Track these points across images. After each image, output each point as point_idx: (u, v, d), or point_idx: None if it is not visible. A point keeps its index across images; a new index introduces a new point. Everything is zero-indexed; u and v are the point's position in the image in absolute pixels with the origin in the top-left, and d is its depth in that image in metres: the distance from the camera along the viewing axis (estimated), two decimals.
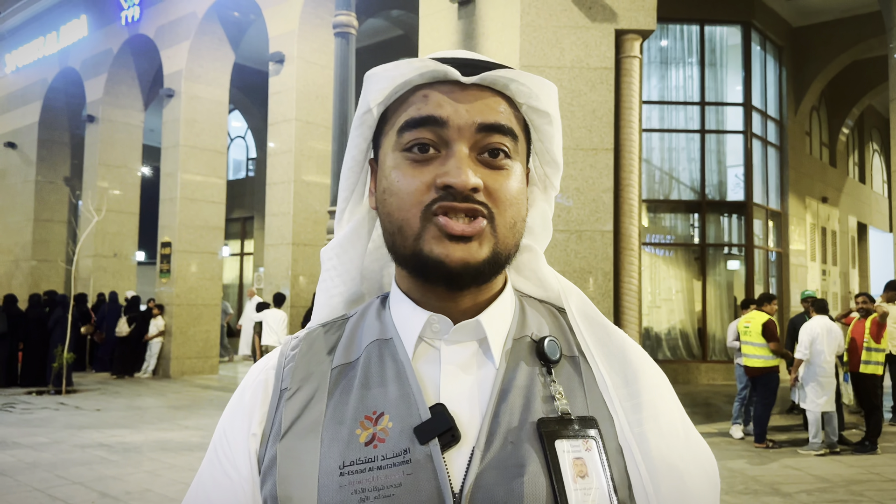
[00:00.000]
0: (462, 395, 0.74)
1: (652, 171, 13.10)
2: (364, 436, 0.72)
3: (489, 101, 0.76)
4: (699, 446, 0.79)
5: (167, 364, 13.25)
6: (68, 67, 16.71)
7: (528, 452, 0.70)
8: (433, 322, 0.77)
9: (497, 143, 0.75)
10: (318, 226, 11.62)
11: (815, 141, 17.28)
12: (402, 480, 0.69)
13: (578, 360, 0.80)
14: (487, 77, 0.76)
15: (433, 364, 0.77)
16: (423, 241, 0.73)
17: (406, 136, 0.75)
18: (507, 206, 0.75)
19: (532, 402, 0.74)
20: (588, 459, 0.71)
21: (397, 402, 0.73)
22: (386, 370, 0.76)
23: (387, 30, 15.78)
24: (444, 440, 0.71)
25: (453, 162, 0.73)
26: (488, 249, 0.74)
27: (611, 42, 8.16)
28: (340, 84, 6.18)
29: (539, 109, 0.81)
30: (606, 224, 7.97)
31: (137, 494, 5.33)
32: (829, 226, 17.84)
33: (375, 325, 0.80)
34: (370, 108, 0.80)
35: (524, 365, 0.77)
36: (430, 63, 0.75)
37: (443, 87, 0.76)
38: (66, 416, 8.78)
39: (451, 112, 0.74)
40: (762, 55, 14.22)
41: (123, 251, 15.69)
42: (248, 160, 21.87)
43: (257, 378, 0.81)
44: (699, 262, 13.19)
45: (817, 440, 7.26)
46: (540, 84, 0.80)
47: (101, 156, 15.28)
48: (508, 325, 0.80)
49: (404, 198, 0.74)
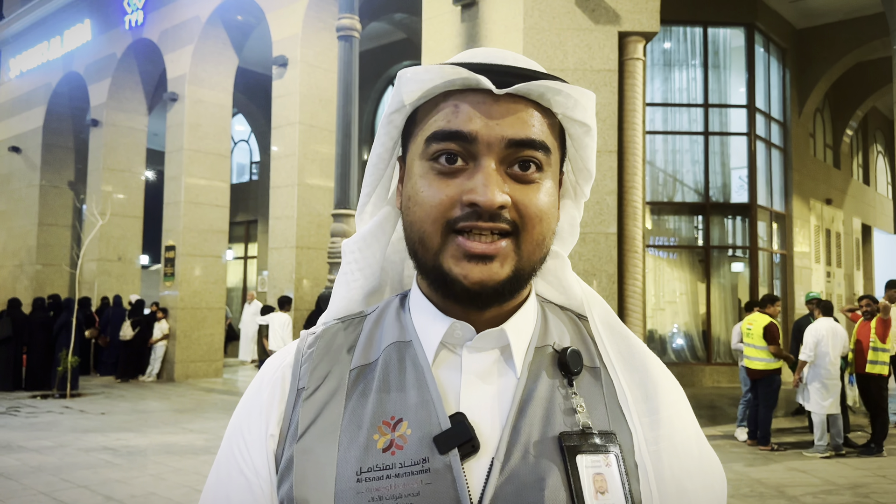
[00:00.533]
0: (482, 405, 0.74)
1: (655, 174, 13.08)
2: (382, 441, 0.71)
3: (521, 115, 0.74)
4: (711, 465, 0.79)
5: (171, 367, 13.26)
6: (72, 72, 16.76)
7: (548, 466, 0.70)
8: (455, 329, 0.76)
9: (528, 156, 0.74)
10: (322, 229, 11.63)
11: (819, 143, 17.24)
12: (420, 490, 0.68)
13: (600, 371, 0.79)
14: (521, 89, 0.74)
15: (454, 371, 0.76)
16: (443, 258, 0.73)
17: (433, 147, 0.74)
18: (536, 223, 0.74)
19: (553, 414, 0.73)
20: (608, 475, 0.70)
21: (416, 408, 0.72)
22: (405, 374, 0.75)
23: (390, 33, 15.80)
24: (463, 450, 0.70)
25: (480, 178, 0.71)
26: (510, 269, 0.73)
27: (614, 44, 8.16)
28: (344, 87, 6.20)
29: (576, 120, 0.79)
30: (610, 226, 7.97)
31: (142, 498, 5.32)
32: (834, 228, 17.80)
33: (395, 327, 0.79)
34: (399, 108, 0.79)
35: (545, 376, 0.76)
36: (462, 71, 0.73)
37: (474, 96, 0.74)
38: (70, 420, 8.79)
39: (481, 126, 0.72)
40: (766, 57, 14.20)
41: (127, 255, 15.72)
42: (252, 164, 21.90)
43: (274, 376, 0.80)
44: (703, 264, 13.17)
45: (822, 442, 7.23)
46: (579, 93, 0.77)
47: (105, 160, 15.32)
48: (531, 334, 0.79)
49: (428, 210, 0.73)
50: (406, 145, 0.81)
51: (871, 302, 7.80)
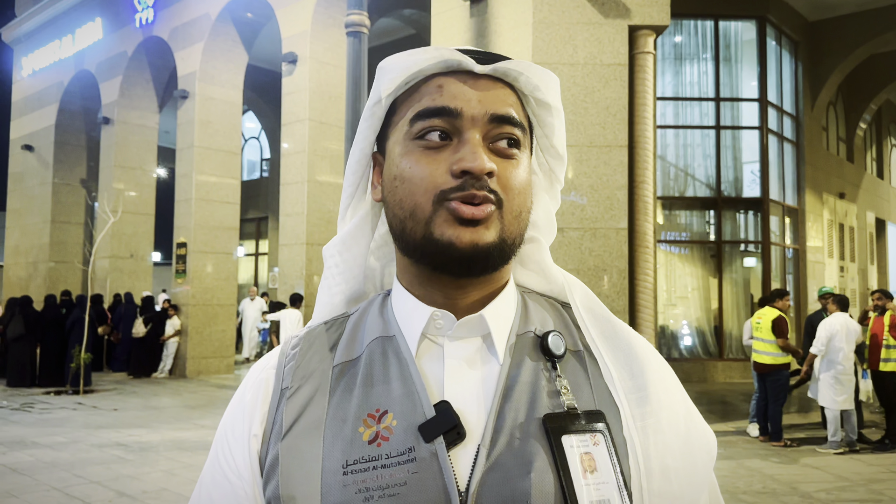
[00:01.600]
0: (467, 392, 0.73)
1: (667, 168, 13.01)
2: (367, 434, 0.71)
3: (500, 93, 0.77)
4: (698, 444, 0.77)
5: (183, 364, 13.33)
6: (84, 70, 16.85)
7: (534, 449, 0.69)
8: (436, 318, 0.76)
9: (508, 133, 0.76)
10: (332, 225, 11.64)
11: (832, 136, 17.11)
12: (407, 479, 0.68)
13: (583, 354, 0.79)
14: (500, 68, 0.77)
15: (437, 361, 0.76)
16: (435, 225, 0.73)
17: (419, 125, 0.75)
18: (516, 195, 0.75)
19: (537, 397, 0.73)
20: (597, 454, 0.70)
21: (401, 399, 0.72)
22: (389, 368, 0.75)
23: (399, 29, 15.79)
24: (449, 438, 0.70)
25: (468, 148, 0.73)
26: (495, 234, 0.73)
27: (624, 38, 8.11)
28: (353, 83, 6.19)
29: (543, 101, 0.81)
30: (621, 221, 7.93)
31: (154, 493, 5.35)
32: (847, 222, 17.65)
33: (378, 323, 0.80)
34: (381, 98, 0.79)
35: (528, 360, 0.76)
36: (445, 52, 0.75)
37: (456, 76, 0.76)
38: (83, 416, 8.85)
39: (465, 103, 0.74)
40: (777, 50, 14.09)
41: (139, 252, 15.82)
42: (262, 161, 21.98)
43: (258, 378, 0.80)
44: (715, 259, 13.09)
45: (836, 438, 7.18)
46: (543, 75, 0.80)
47: (116, 157, 15.40)
48: (512, 321, 0.79)
49: (417, 183, 0.74)
50: (384, 135, 0.81)
51: (882, 296, 7.73)
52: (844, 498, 5.47)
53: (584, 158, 7.91)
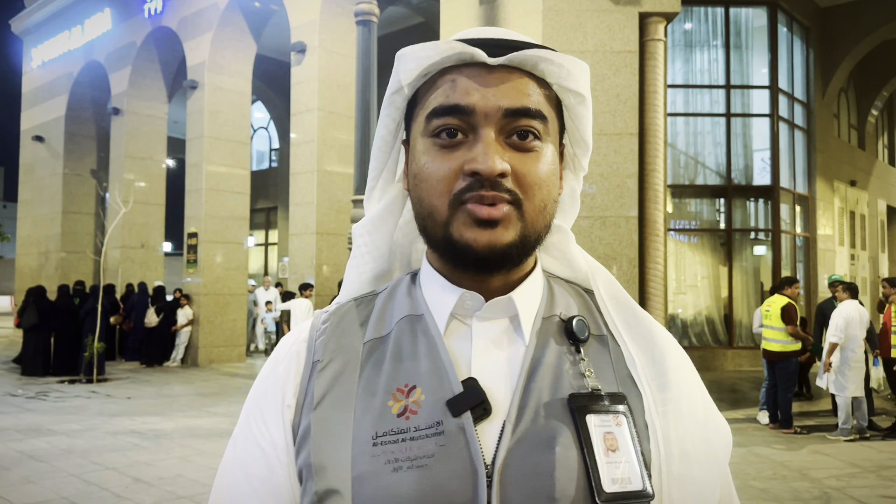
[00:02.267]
0: (493, 371, 0.75)
1: (677, 156, 12.97)
2: (396, 407, 0.73)
3: (516, 84, 0.76)
4: (716, 430, 0.80)
5: (195, 353, 13.43)
6: (93, 61, 16.90)
7: (558, 426, 0.71)
8: (465, 299, 0.78)
9: (525, 126, 0.75)
10: (342, 215, 11.67)
11: (844, 123, 16.99)
12: (434, 451, 0.70)
13: (607, 339, 0.81)
14: (515, 58, 0.76)
15: (464, 340, 0.78)
16: (453, 227, 0.75)
17: (434, 123, 0.76)
18: (537, 190, 0.75)
19: (561, 378, 0.75)
20: (618, 434, 0.72)
21: (429, 375, 0.74)
22: (418, 345, 0.77)
23: (407, 17, 15.75)
24: (476, 413, 0.71)
25: (480, 147, 0.73)
26: (515, 233, 0.74)
27: (634, 25, 8.07)
28: (363, 72, 6.19)
29: (570, 89, 0.80)
30: (631, 210, 7.92)
31: (169, 480, 5.42)
32: (858, 210, 17.56)
33: (406, 302, 0.82)
34: (401, 86, 0.80)
35: (553, 343, 0.78)
36: (457, 45, 0.75)
37: (470, 69, 0.76)
38: (98, 404, 8.95)
39: (478, 99, 0.74)
40: (789, 36, 13.99)
41: (150, 242, 15.91)
42: (271, 151, 22.01)
43: (290, 350, 0.82)
44: (725, 247, 13.06)
45: (847, 425, 7.18)
46: (571, 63, 0.79)
47: (126, 148, 15.47)
48: (538, 304, 0.81)
49: (434, 185, 0.75)
50: (409, 127, 0.83)
51: (887, 284, 7.72)
52: (855, 484, 5.48)
53: (595, 146, 7.90)
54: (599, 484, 0.68)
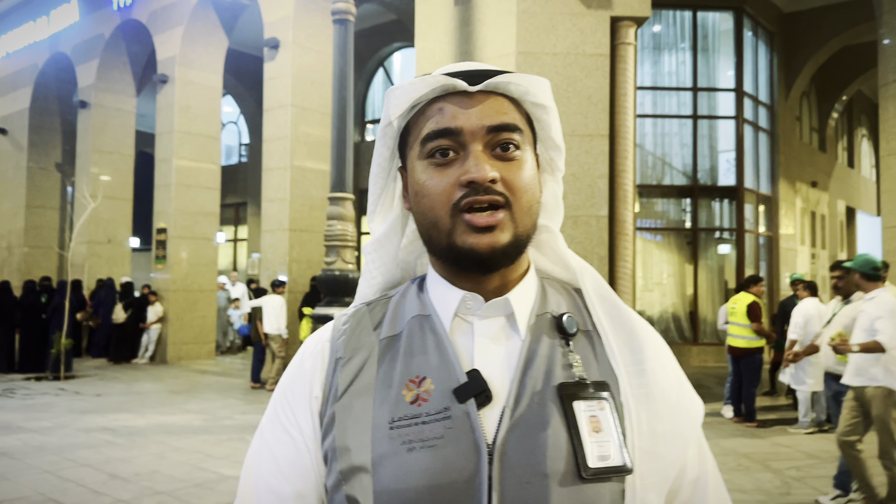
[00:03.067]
0: (493, 363, 0.86)
1: (645, 157, 13.22)
2: (409, 396, 0.83)
3: (494, 104, 0.88)
4: (686, 412, 0.91)
5: (164, 350, 13.32)
6: (59, 52, 16.62)
7: (550, 411, 0.82)
8: (467, 300, 0.88)
9: (506, 139, 0.87)
10: (315, 211, 11.68)
11: (806, 126, 17.44)
12: (443, 433, 0.80)
13: (592, 334, 0.92)
14: (490, 84, 0.88)
15: (467, 336, 0.88)
16: (456, 235, 0.85)
17: (428, 146, 0.87)
18: (523, 193, 0.86)
19: (553, 369, 0.85)
20: (602, 417, 0.83)
21: (438, 367, 0.85)
22: (427, 341, 0.87)
23: (381, 14, 15.78)
24: (479, 400, 0.82)
25: (472, 160, 0.84)
26: (509, 234, 0.85)
27: (606, 29, 8.23)
28: (339, 71, 6.23)
29: (536, 103, 0.92)
30: (601, 209, 8.09)
31: (146, 476, 5.43)
32: (819, 210, 18.05)
33: (416, 303, 0.92)
34: (391, 121, 0.91)
35: (546, 337, 0.88)
36: (441, 78, 0.87)
37: (454, 97, 0.88)
38: (67, 402, 8.86)
39: (464, 121, 0.86)
40: (754, 41, 14.33)
41: (117, 237, 15.71)
42: (241, 146, 21.84)
43: (315, 349, 0.93)
44: (691, 246, 13.36)
45: (807, 419, 7.45)
46: (534, 81, 0.91)
47: (93, 141, 15.25)
48: (532, 303, 0.91)
49: (435, 198, 0.86)
50: (404, 155, 0.94)
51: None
52: (813, 474, 5.71)
53: (567, 147, 8.00)
54: (585, 461, 0.79)
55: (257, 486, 0.89)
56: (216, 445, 6.50)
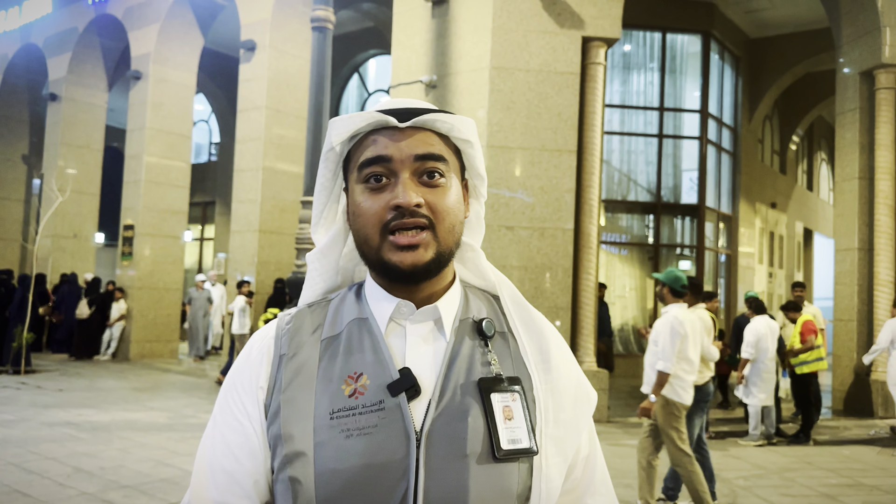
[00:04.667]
0: (422, 361, 0.98)
1: (611, 173, 13.53)
2: (348, 390, 0.94)
3: (422, 137, 1.00)
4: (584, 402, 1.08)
5: (127, 347, 13.24)
6: (30, 44, 16.44)
7: (470, 402, 0.95)
8: (401, 306, 1.00)
9: (431, 167, 0.98)
10: (286, 213, 11.74)
11: (767, 149, 17.98)
12: (377, 422, 0.92)
13: (507, 335, 1.05)
14: (418, 121, 1.00)
15: (400, 338, 1.00)
16: (383, 252, 0.97)
17: (364, 171, 0.99)
18: (446, 215, 0.98)
19: (473, 366, 0.99)
20: (514, 407, 0.97)
21: (373, 365, 0.96)
22: (364, 342, 0.99)
23: (357, 21, 15.90)
24: (409, 394, 0.94)
25: (400, 187, 0.96)
26: (432, 252, 0.97)
27: (577, 48, 8.49)
28: (317, 77, 6.35)
29: (461, 138, 1.05)
30: (568, 222, 8.32)
31: (111, 470, 5.48)
32: (777, 230, 18.59)
33: (355, 307, 1.04)
34: (332, 147, 1.04)
35: (468, 339, 1.01)
36: (375, 114, 0.99)
37: (388, 131, 1.00)
38: (28, 396, 8.81)
39: (394, 150, 0.98)
40: (720, 64, 14.77)
41: (83, 232, 15.55)
42: (211, 144, 21.73)
43: (261, 345, 1.05)
44: (652, 261, 13.70)
45: (756, 432, 7.74)
46: (460, 120, 1.03)
47: (62, 135, 15.11)
48: (456, 309, 1.04)
49: (368, 218, 0.98)
50: (346, 178, 1.06)
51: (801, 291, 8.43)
52: (760, 484, 5.98)
53: (536, 161, 8.27)
54: (499, 443, 0.93)
55: (212, 467, 0.98)
56: (180, 443, 6.55)
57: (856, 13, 10.20)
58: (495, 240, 8.14)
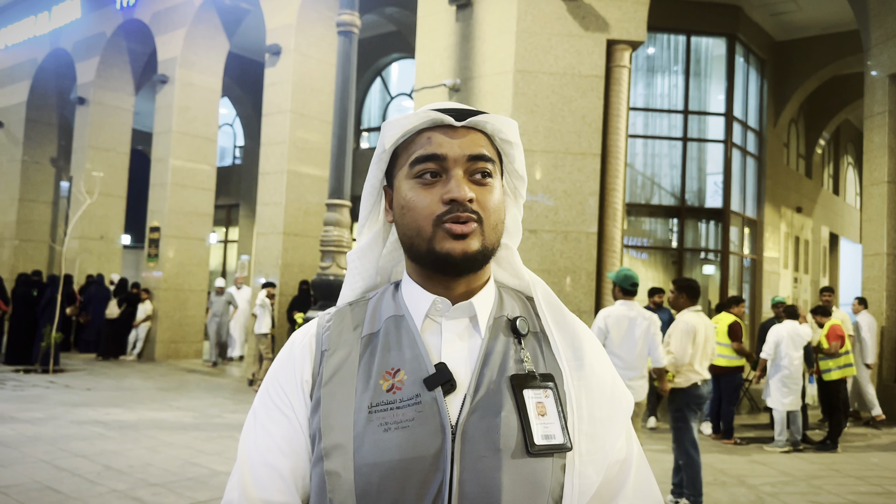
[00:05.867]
0: (458, 357, 1.01)
1: (634, 176, 13.47)
2: (386, 385, 0.97)
3: (474, 138, 1.04)
4: (619, 401, 1.09)
5: (152, 347, 13.41)
6: (59, 48, 16.72)
7: (504, 398, 0.97)
8: (437, 303, 1.03)
9: (482, 167, 1.03)
10: (310, 216, 11.83)
11: (793, 152, 17.79)
12: (414, 416, 0.94)
13: (540, 335, 1.08)
14: (472, 121, 1.04)
15: (436, 335, 1.03)
16: (435, 241, 1.00)
17: (417, 168, 1.02)
18: (492, 212, 1.02)
19: (507, 363, 1.01)
20: (546, 403, 0.99)
21: (410, 361, 0.99)
22: (401, 338, 1.02)
23: (381, 25, 15.99)
24: (445, 388, 0.96)
25: (454, 182, 1.00)
26: (479, 243, 1.00)
27: (602, 51, 8.46)
28: (342, 81, 6.40)
29: (506, 140, 1.09)
30: (591, 226, 8.30)
31: (140, 468, 5.56)
32: (803, 235, 18.38)
33: (392, 305, 1.07)
34: (385, 148, 1.07)
35: (502, 336, 1.04)
36: (432, 113, 1.03)
37: (441, 129, 1.03)
38: (57, 394, 8.95)
39: (449, 149, 1.01)
40: (745, 67, 14.65)
41: (110, 234, 15.78)
42: (236, 148, 21.95)
43: (303, 341, 1.07)
44: (676, 265, 13.60)
45: (782, 438, 7.66)
46: (505, 121, 1.07)
47: (90, 138, 15.35)
48: (491, 307, 1.07)
49: (420, 210, 1.01)
50: (391, 174, 1.09)
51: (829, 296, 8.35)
52: (787, 491, 5.92)
53: (560, 164, 8.27)
54: (532, 439, 0.95)
55: (254, 462, 1.00)
56: (207, 442, 6.63)
57: (885, 15, 10.08)
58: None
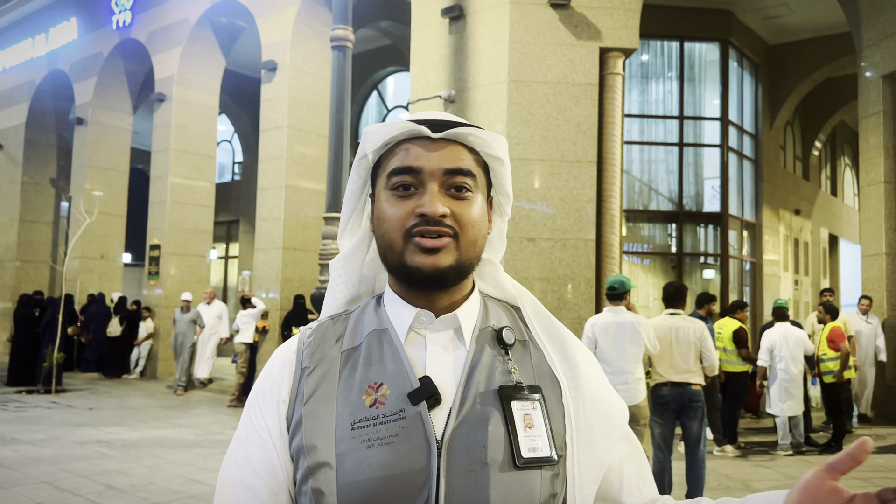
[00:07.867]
0: (442, 370, 0.98)
1: (631, 183, 13.49)
2: (368, 400, 0.95)
3: (453, 151, 1.01)
4: (615, 409, 1.08)
5: (154, 365, 13.40)
6: (57, 69, 16.81)
7: (490, 410, 0.95)
8: (420, 316, 1.01)
9: (459, 182, 1.00)
10: (309, 231, 11.85)
11: (789, 155, 17.81)
12: (398, 432, 0.92)
13: (528, 343, 1.06)
14: (451, 133, 1.02)
15: (420, 347, 1.01)
16: (406, 255, 0.98)
17: (393, 179, 1.00)
18: (469, 228, 1.00)
19: (493, 375, 0.98)
20: (534, 415, 0.96)
21: (394, 375, 0.96)
22: (384, 352, 1.00)
23: (375, 39, 16.06)
24: (429, 402, 0.94)
25: (427, 196, 0.98)
26: (452, 259, 0.98)
27: (595, 59, 8.51)
28: (337, 95, 6.43)
29: (492, 155, 1.06)
30: (589, 233, 8.31)
31: (142, 487, 5.55)
32: (802, 237, 18.38)
33: (374, 318, 1.05)
34: (366, 154, 1.06)
35: (488, 348, 1.02)
36: (409, 124, 1.01)
37: (420, 141, 1.01)
38: (59, 415, 8.94)
39: (425, 162, 0.99)
40: (739, 71, 14.70)
41: (110, 253, 15.81)
42: (234, 164, 22.00)
43: (283, 359, 1.06)
44: (676, 270, 13.59)
45: (785, 441, 7.64)
46: (493, 137, 1.05)
47: (89, 158, 15.41)
48: (476, 318, 1.05)
49: (392, 223, 0.99)
50: (374, 184, 1.07)
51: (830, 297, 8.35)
52: None
53: (556, 172, 8.29)
54: (519, 452, 0.93)
55: (234, 483, 0.99)
56: (209, 459, 6.62)
57: (876, 16, 10.13)
58: (516, 252, 8.15)
